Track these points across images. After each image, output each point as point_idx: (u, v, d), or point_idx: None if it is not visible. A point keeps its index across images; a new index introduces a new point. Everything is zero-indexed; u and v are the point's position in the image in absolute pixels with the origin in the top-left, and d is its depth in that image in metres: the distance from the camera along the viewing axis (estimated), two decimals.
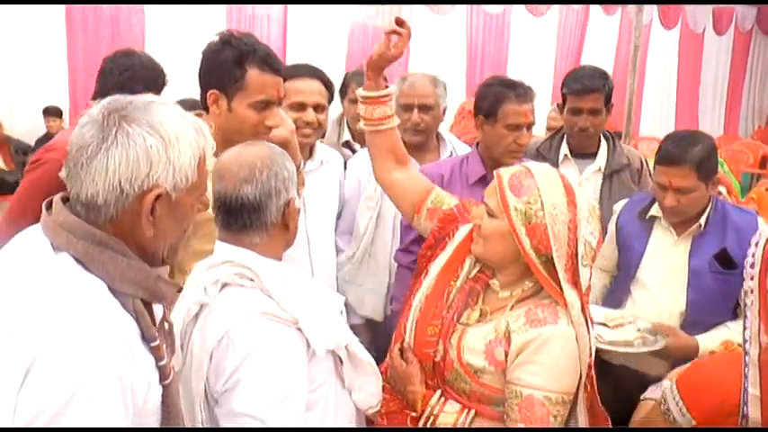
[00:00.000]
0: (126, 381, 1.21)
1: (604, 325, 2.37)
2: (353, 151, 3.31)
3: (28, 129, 7.16)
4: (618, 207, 2.74)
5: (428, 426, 1.92)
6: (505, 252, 1.91)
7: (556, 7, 9.07)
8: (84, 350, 1.17)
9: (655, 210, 2.58)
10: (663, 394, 1.89)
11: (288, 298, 1.68)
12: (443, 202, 2.18)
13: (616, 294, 2.63)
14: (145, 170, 1.25)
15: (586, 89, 3.00)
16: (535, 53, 9.11)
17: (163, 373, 1.32)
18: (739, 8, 10.92)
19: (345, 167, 3.11)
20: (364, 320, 3.08)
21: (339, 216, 3.07)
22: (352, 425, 1.90)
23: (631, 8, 7.28)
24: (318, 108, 2.71)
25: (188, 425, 1.62)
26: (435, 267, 2.07)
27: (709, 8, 10.48)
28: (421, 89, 3.00)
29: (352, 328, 3.15)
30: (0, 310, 1.23)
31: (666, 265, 2.51)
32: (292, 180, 1.76)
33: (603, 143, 3.12)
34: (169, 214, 1.32)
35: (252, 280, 1.70)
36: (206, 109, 2.14)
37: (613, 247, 2.70)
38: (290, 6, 7.38)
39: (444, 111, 3.06)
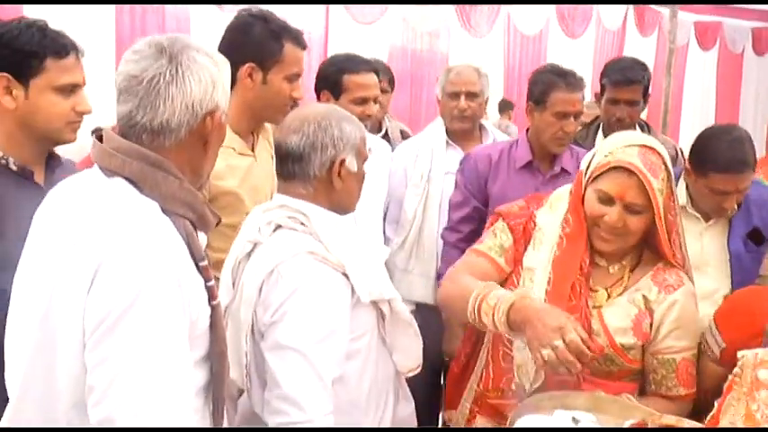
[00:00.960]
0: (183, 288, 1.31)
1: None
2: None
3: (76, 148, 7.40)
4: None
5: None
6: (639, 237, 1.91)
7: (592, 29, 9.16)
8: (145, 254, 1.27)
9: (680, 199, 2.60)
10: (703, 335, 1.94)
11: (336, 244, 1.77)
12: (502, 244, 2.05)
13: None
14: (210, 91, 1.38)
15: (626, 80, 3.06)
16: None
17: (211, 294, 1.40)
18: None
19: None
20: (414, 306, 3.15)
21: (387, 205, 3.17)
22: (390, 387, 1.95)
23: (666, 27, 7.34)
24: (375, 100, 2.81)
25: (233, 357, 1.69)
26: (539, 264, 1.98)
27: (747, 28, 10.45)
28: (467, 77, 3.11)
29: None
30: (62, 229, 1.34)
31: (701, 251, 2.52)
32: (348, 142, 1.83)
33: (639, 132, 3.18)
34: (218, 134, 1.45)
35: (303, 224, 1.79)
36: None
37: None
38: (330, 29, 7.58)
39: (486, 101, 3.17)
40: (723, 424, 1.23)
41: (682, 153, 3.25)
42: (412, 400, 2.08)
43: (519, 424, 1.71)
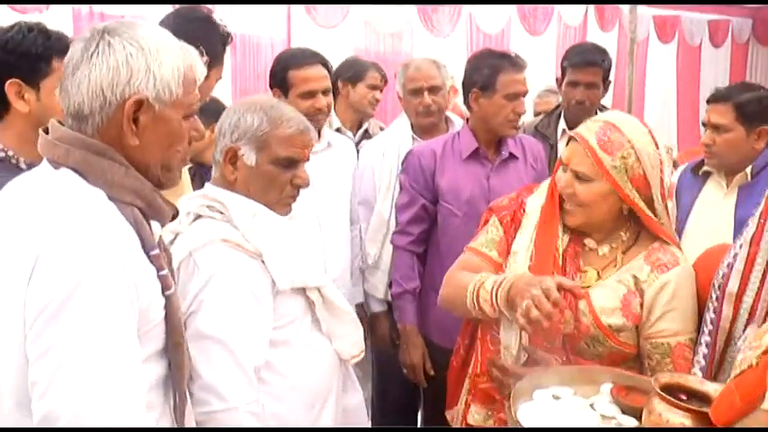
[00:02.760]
0: (129, 276, 1.27)
1: None
2: None
3: None
4: (682, 166, 2.85)
5: None
6: (610, 211, 1.88)
7: (554, 26, 9.22)
8: (86, 242, 1.24)
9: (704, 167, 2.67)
10: None
11: (253, 231, 1.77)
12: (493, 238, 2.09)
13: None
14: (125, 77, 1.33)
15: (586, 62, 3.10)
16: (536, 72, 9.19)
17: (164, 284, 1.38)
18: (735, 20, 11.04)
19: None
20: (386, 306, 3.13)
21: (358, 202, 3.16)
22: (333, 374, 1.96)
23: (626, 22, 7.43)
24: (326, 92, 2.79)
25: None
26: (522, 245, 1.99)
27: (704, 21, 10.61)
28: (426, 71, 3.11)
29: (373, 316, 3.23)
30: (5, 224, 1.32)
31: (714, 218, 2.56)
32: (245, 133, 1.85)
33: None
34: (154, 126, 1.39)
35: (222, 213, 1.81)
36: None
37: (672, 204, 2.78)
38: (292, 34, 7.54)
39: (449, 92, 3.17)
40: None
41: None
42: (360, 390, 2.10)
43: (522, 413, 1.65)
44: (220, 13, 7.11)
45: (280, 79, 2.83)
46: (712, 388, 1.49)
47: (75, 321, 1.20)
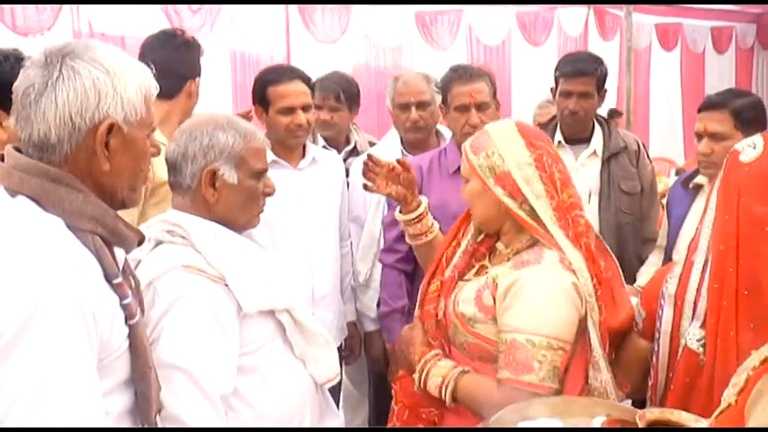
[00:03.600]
0: (87, 306, 1.22)
1: None
2: None
3: None
4: (671, 182, 2.82)
5: (421, 383, 1.93)
6: (488, 209, 1.97)
7: (554, 36, 9.20)
8: (41, 273, 1.19)
9: (700, 177, 2.61)
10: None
11: (215, 254, 1.73)
12: None
13: (663, 265, 2.65)
14: (94, 102, 1.29)
15: (577, 72, 3.04)
16: (537, 83, 9.16)
17: (128, 313, 1.33)
18: (738, 26, 11.00)
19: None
20: (379, 325, 3.09)
21: (348, 220, 3.12)
22: (308, 398, 1.90)
23: (626, 30, 7.41)
24: (306, 108, 2.77)
25: None
26: None
27: (706, 28, 10.57)
28: (415, 86, 3.07)
29: (367, 336, 3.17)
30: None
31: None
32: (222, 151, 1.81)
33: (598, 128, 3.15)
34: (123, 149, 1.35)
35: (183, 237, 1.76)
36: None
37: (666, 222, 2.74)
38: (292, 50, 7.55)
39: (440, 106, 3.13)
40: (756, 412, 1.18)
41: (644, 146, 3.24)
42: (339, 415, 2.05)
43: None
44: (219, 31, 7.13)
45: (260, 96, 2.83)
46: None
47: (30, 355, 1.15)
